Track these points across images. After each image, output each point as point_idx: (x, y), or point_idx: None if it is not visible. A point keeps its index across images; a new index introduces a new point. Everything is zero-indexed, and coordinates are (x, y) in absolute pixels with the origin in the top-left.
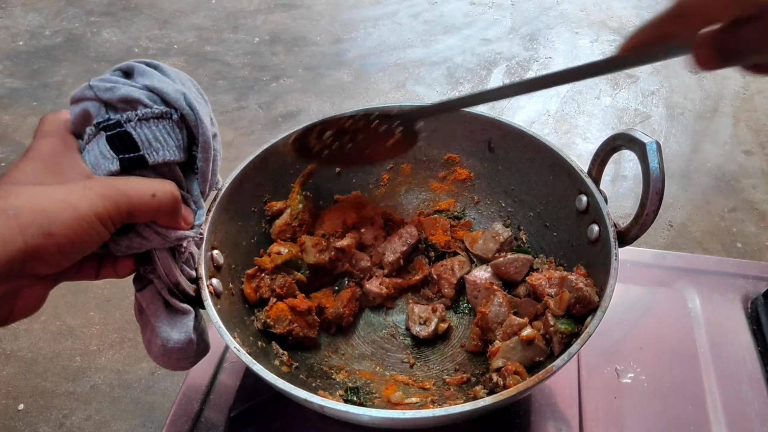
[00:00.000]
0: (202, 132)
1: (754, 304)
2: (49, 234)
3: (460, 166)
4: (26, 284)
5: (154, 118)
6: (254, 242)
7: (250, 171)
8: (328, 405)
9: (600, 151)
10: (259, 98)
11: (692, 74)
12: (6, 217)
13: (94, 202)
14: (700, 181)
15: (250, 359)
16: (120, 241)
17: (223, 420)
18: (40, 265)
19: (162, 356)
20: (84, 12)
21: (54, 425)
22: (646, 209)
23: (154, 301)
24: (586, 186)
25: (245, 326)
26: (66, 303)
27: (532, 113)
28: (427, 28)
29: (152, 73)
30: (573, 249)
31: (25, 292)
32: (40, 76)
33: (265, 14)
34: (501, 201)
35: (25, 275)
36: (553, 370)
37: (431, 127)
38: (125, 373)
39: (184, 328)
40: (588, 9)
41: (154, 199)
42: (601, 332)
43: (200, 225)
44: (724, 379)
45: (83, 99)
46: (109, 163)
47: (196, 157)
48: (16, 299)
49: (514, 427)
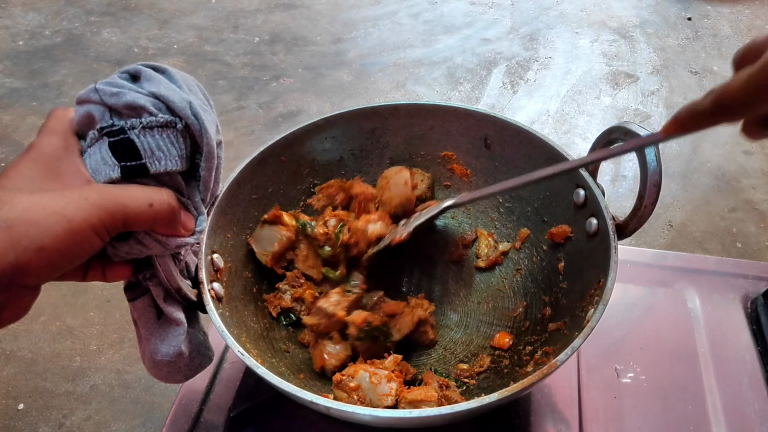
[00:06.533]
0: (207, 142)
1: (754, 304)
2: (41, 248)
3: (456, 163)
4: (14, 295)
5: (158, 127)
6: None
7: (247, 174)
8: (334, 406)
9: (596, 144)
10: (259, 98)
11: (692, 74)
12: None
13: (89, 212)
14: (700, 181)
15: (254, 363)
16: (119, 247)
17: (223, 420)
18: (28, 278)
19: (153, 368)
20: (84, 12)
21: (54, 425)
22: (644, 201)
23: (145, 312)
24: (583, 180)
25: (248, 329)
26: (66, 303)
27: (532, 113)
28: (427, 28)
29: (159, 79)
30: (572, 243)
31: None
32: (40, 76)
33: (265, 14)
34: (498, 197)
35: (13, 287)
36: (557, 364)
37: (427, 125)
38: (125, 373)
39: (173, 341)
40: (588, 9)
41: (151, 209)
42: (601, 332)
43: (201, 231)
44: (724, 379)
45: (88, 101)
46: (109, 170)
47: (198, 165)
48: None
49: (514, 427)
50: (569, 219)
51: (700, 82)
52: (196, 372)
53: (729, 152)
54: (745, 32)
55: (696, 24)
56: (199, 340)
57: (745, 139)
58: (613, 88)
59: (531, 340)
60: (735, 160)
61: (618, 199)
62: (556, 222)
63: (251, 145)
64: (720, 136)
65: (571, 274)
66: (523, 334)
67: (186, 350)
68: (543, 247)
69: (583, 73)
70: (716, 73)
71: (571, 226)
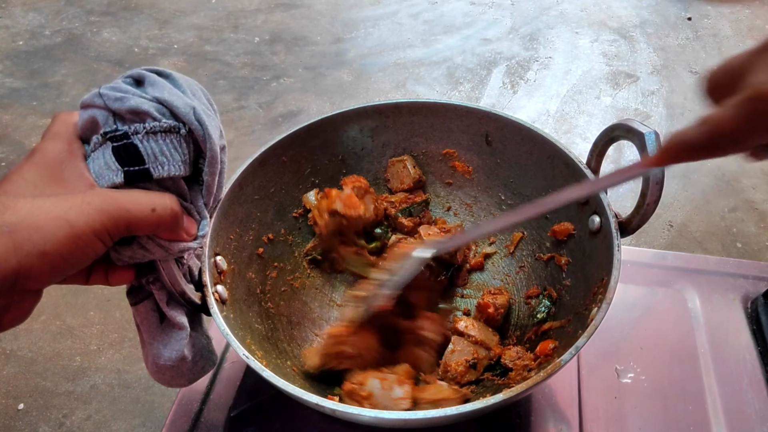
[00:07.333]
0: (210, 147)
1: (754, 304)
2: (43, 253)
3: (458, 160)
4: (16, 299)
5: (162, 132)
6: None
7: (249, 174)
8: (340, 408)
9: (598, 141)
10: (259, 98)
11: (692, 74)
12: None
13: (91, 217)
14: (700, 181)
15: (260, 366)
16: (123, 251)
17: (223, 420)
18: (30, 283)
19: (156, 373)
20: (84, 12)
21: (54, 425)
22: (646, 199)
23: (148, 316)
24: (585, 177)
25: (252, 330)
26: (66, 303)
27: (532, 113)
28: (427, 28)
29: (163, 84)
30: (574, 240)
31: (13, 306)
32: (40, 75)
33: (266, 14)
34: (500, 194)
35: (15, 291)
36: (561, 364)
37: (428, 122)
38: (125, 373)
39: (176, 345)
40: (588, 9)
41: (154, 214)
42: (601, 332)
43: (204, 236)
44: (724, 379)
45: (92, 106)
46: (113, 175)
47: (202, 170)
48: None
49: (514, 427)
50: (572, 216)
51: None
52: (199, 376)
53: None
54: (745, 32)
55: (696, 24)
56: (202, 344)
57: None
58: (613, 88)
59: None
60: (735, 160)
61: (618, 197)
62: (559, 219)
63: (251, 145)
64: None
65: (574, 272)
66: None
67: (189, 354)
68: (546, 245)
69: (583, 73)
70: None
71: (573, 223)
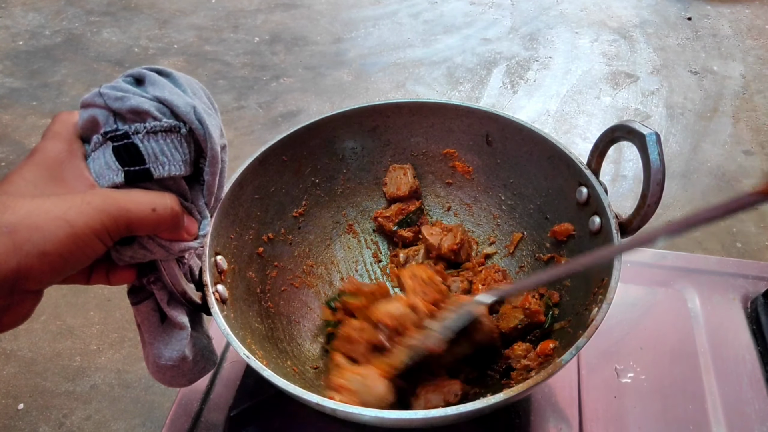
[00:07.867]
0: (211, 146)
1: (754, 304)
2: (43, 253)
3: (458, 160)
4: (16, 300)
5: (163, 132)
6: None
7: (249, 174)
8: (340, 408)
9: (599, 142)
10: (259, 98)
11: (692, 74)
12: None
13: (91, 217)
14: (700, 181)
15: (260, 365)
16: (123, 251)
17: (223, 420)
18: (30, 283)
19: (156, 373)
20: (84, 12)
21: (54, 425)
22: (647, 200)
23: (149, 316)
24: (586, 177)
25: (252, 330)
26: (66, 303)
27: (532, 113)
28: (427, 27)
29: (164, 84)
30: (575, 241)
31: (13, 307)
32: (40, 75)
33: (265, 14)
34: (500, 194)
35: (15, 292)
36: (561, 364)
37: (428, 122)
38: (125, 373)
39: (177, 345)
40: (588, 9)
41: (154, 214)
42: (601, 332)
43: (204, 235)
44: (724, 379)
45: (93, 105)
46: (113, 175)
47: (202, 170)
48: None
49: (514, 426)
50: (572, 217)
51: (700, 82)
52: (199, 376)
53: (729, 152)
54: (745, 32)
55: (696, 24)
56: (202, 344)
57: None
58: (613, 88)
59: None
60: (735, 160)
61: (618, 199)
62: (559, 220)
63: (251, 145)
64: (720, 136)
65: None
66: None
67: (190, 354)
68: (546, 245)
69: (583, 73)
70: (716, 73)
71: (573, 224)
